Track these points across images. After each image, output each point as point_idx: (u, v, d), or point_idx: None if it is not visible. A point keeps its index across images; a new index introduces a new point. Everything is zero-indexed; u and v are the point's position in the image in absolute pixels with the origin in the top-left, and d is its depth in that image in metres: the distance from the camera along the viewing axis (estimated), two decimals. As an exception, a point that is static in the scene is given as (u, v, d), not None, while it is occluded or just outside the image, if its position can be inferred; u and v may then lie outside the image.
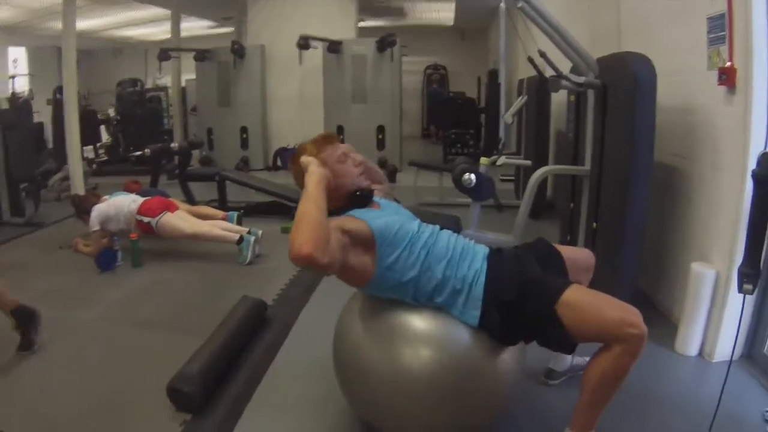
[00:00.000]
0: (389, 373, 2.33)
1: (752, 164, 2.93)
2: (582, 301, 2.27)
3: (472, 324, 2.32)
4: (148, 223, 5.26)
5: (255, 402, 3.01)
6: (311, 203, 2.13)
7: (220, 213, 5.84)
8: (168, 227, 5.27)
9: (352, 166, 2.53)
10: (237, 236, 5.28)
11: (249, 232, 5.36)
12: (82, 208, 5.47)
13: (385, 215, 2.42)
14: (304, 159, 2.39)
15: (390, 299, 2.42)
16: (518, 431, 2.71)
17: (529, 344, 2.44)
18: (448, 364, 2.30)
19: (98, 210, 5.29)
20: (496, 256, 2.50)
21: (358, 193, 2.50)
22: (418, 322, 2.36)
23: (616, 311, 2.21)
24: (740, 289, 2.52)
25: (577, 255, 2.83)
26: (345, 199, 2.48)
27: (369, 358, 2.39)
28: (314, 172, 2.29)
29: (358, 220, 2.30)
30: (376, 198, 2.62)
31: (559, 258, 2.69)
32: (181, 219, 5.40)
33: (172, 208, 5.46)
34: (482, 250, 2.50)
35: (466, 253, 2.44)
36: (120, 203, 5.41)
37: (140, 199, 5.45)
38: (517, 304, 2.30)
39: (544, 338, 2.35)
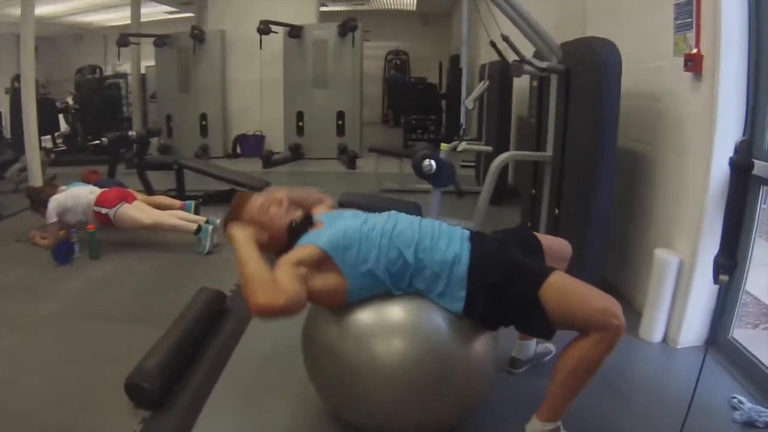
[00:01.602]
0: (362, 364, 2.30)
1: (718, 151, 2.95)
2: (566, 287, 2.27)
3: (455, 308, 2.29)
4: (106, 214, 5.13)
5: (216, 395, 2.94)
6: (243, 262, 2.23)
7: (177, 203, 5.73)
8: (126, 218, 5.15)
9: (275, 208, 2.56)
10: (195, 226, 5.20)
11: (207, 222, 5.28)
12: (39, 200, 5.31)
13: (327, 228, 2.43)
14: (228, 232, 2.45)
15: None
16: (486, 420, 2.67)
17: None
18: (421, 354, 2.27)
19: (56, 201, 5.14)
20: (479, 238, 2.49)
21: (293, 224, 2.52)
22: (392, 312, 2.33)
23: (600, 300, 2.22)
24: (716, 280, 2.51)
25: (555, 244, 2.83)
26: (286, 237, 2.50)
27: (342, 349, 2.34)
28: (236, 236, 2.37)
29: (303, 246, 2.33)
30: (318, 217, 2.60)
31: (539, 246, 2.70)
32: (138, 209, 5.29)
33: (129, 198, 5.34)
34: (460, 232, 2.48)
35: (440, 235, 2.41)
36: (78, 194, 5.27)
37: (98, 190, 5.32)
38: (502, 287, 2.29)
39: (525, 323, 2.37)
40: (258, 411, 2.83)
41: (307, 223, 2.53)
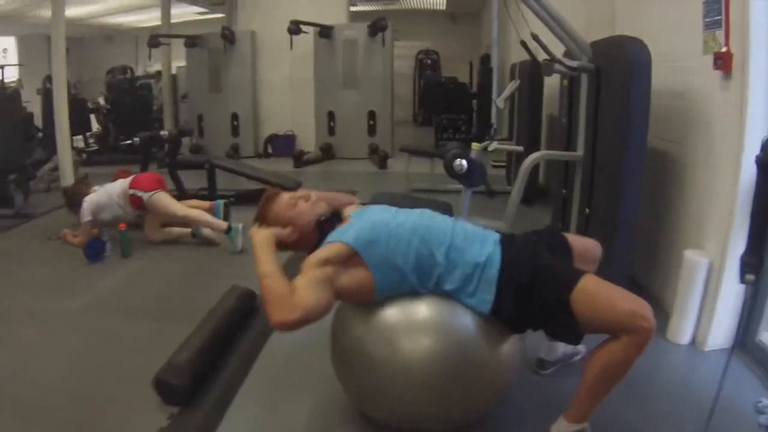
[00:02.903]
0: (389, 363, 2.32)
1: (748, 150, 2.92)
2: (596, 290, 2.26)
3: (483, 310, 2.30)
4: (141, 197, 5.21)
5: (243, 392, 2.97)
6: (260, 273, 2.25)
7: (206, 204, 5.79)
8: (159, 204, 5.24)
9: (303, 203, 2.55)
10: (226, 224, 5.25)
11: (230, 228, 5.29)
12: (74, 200, 5.39)
13: (354, 224, 2.44)
14: (250, 234, 2.48)
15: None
16: (511, 421, 2.68)
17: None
18: (448, 354, 2.29)
19: (89, 201, 5.23)
20: (509, 240, 2.50)
21: (321, 218, 2.53)
22: (419, 310, 2.35)
23: (629, 303, 2.21)
24: (742, 279, 2.47)
25: (585, 245, 2.82)
26: (314, 232, 2.50)
27: (369, 348, 2.37)
28: (256, 239, 2.40)
29: (330, 244, 2.33)
30: (346, 213, 2.62)
31: (568, 247, 2.69)
32: (172, 199, 5.38)
33: (164, 186, 5.45)
34: (492, 235, 2.50)
35: (474, 238, 2.43)
36: (111, 188, 5.37)
37: (128, 180, 5.40)
38: (531, 289, 2.30)
39: (553, 327, 2.37)
40: (285, 408, 2.85)
41: (335, 218, 2.54)
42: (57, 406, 2.85)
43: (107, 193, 5.33)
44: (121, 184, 5.36)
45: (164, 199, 5.30)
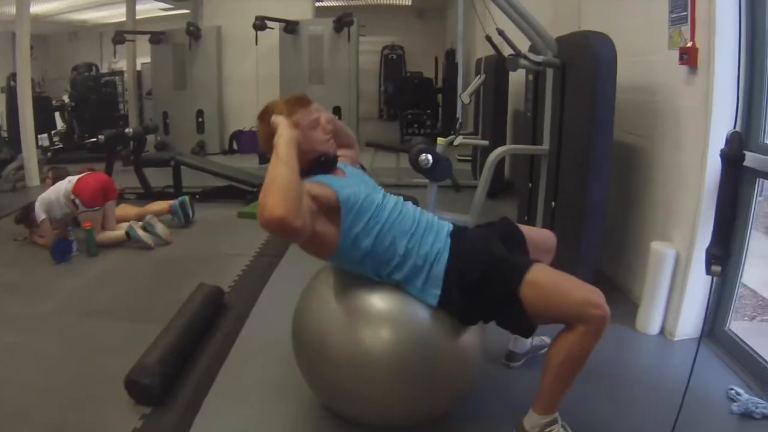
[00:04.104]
0: (350, 356, 2.30)
1: (714, 144, 2.95)
2: (546, 280, 2.26)
3: (431, 303, 2.29)
4: (77, 206, 5.11)
5: (215, 391, 2.95)
6: (283, 165, 2.05)
7: (165, 204, 5.82)
8: (90, 221, 5.13)
9: (322, 133, 2.44)
10: (168, 203, 5.62)
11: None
12: (29, 218, 5.26)
13: (352, 184, 2.36)
14: (275, 119, 2.29)
15: (350, 279, 2.40)
16: (482, 414, 2.69)
17: (490, 327, 2.42)
18: (410, 346, 2.27)
19: (40, 199, 5.13)
20: (459, 233, 2.48)
21: (322, 159, 2.42)
22: (379, 303, 2.33)
23: (580, 291, 2.21)
24: (708, 271, 2.51)
25: (539, 235, 2.83)
26: (308, 163, 2.36)
27: (329, 341, 2.35)
28: (285, 133, 2.19)
29: (325, 186, 2.24)
30: (341, 165, 2.56)
31: (522, 238, 2.69)
32: (111, 215, 5.40)
33: (111, 194, 5.38)
34: (447, 227, 2.48)
35: (430, 229, 2.40)
36: (59, 187, 5.23)
37: (74, 179, 5.27)
38: (481, 284, 2.28)
39: (504, 319, 2.35)
40: (257, 405, 2.84)
41: (333, 164, 2.47)
42: (29, 409, 2.79)
43: (55, 190, 5.20)
44: (66, 185, 5.20)
45: (94, 217, 5.18)
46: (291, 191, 1.96)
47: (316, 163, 2.39)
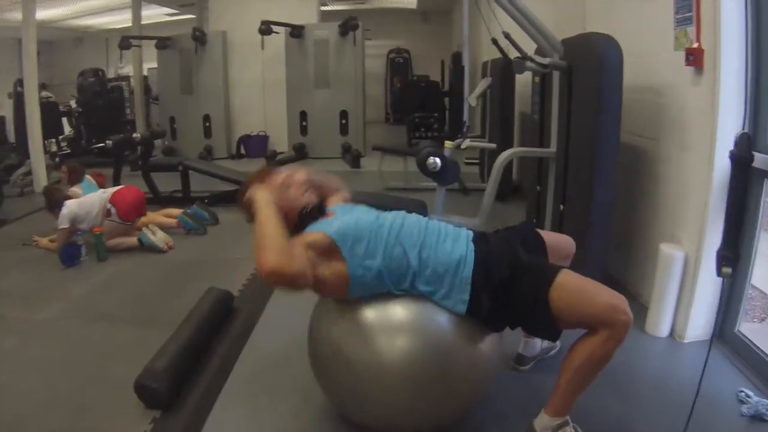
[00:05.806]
0: (367, 363, 2.30)
1: (721, 145, 2.94)
2: (574, 285, 2.27)
3: (459, 310, 2.29)
4: (111, 216, 5.21)
5: (225, 395, 2.95)
6: (264, 222, 2.21)
7: (173, 220, 5.88)
8: (114, 233, 5.28)
9: (295, 189, 2.58)
10: (178, 211, 5.63)
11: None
12: (54, 201, 5.27)
13: (339, 218, 2.43)
14: (249, 191, 2.45)
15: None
16: (492, 416, 2.68)
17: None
18: (427, 353, 2.27)
19: (69, 209, 5.10)
20: (482, 237, 2.48)
21: (304, 211, 2.52)
22: (397, 311, 2.33)
23: (607, 297, 2.23)
24: (719, 273, 2.50)
25: (559, 241, 2.83)
26: (296, 219, 2.50)
27: (346, 348, 2.34)
28: (259, 196, 2.36)
29: (314, 232, 2.31)
30: (331, 208, 2.60)
31: (542, 243, 2.69)
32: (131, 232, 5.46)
33: (142, 211, 5.54)
34: (465, 233, 2.48)
35: (445, 236, 2.40)
36: (91, 202, 5.27)
37: (111, 190, 5.39)
38: (509, 287, 2.29)
39: (532, 323, 2.37)
40: (266, 410, 2.83)
41: (319, 211, 2.52)
42: (40, 416, 2.80)
43: (89, 203, 5.23)
44: (101, 195, 5.30)
45: (121, 230, 5.33)
46: (277, 242, 2.10)
47: (302, 217, 2.50)
